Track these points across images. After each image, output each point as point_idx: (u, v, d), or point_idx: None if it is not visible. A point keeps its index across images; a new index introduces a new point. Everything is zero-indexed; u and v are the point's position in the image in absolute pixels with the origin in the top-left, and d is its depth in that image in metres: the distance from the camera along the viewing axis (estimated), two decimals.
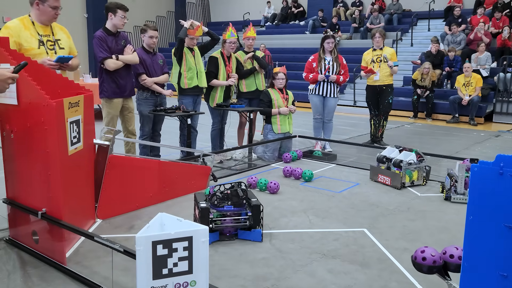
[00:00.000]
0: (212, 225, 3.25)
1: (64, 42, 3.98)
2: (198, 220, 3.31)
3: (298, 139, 6.57)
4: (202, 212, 3.25)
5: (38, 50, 3.71)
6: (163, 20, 20.73)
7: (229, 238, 3.35)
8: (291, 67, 13.22)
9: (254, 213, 3.35)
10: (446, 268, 2.12)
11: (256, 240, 3.34)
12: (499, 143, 7.84)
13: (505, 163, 1.50)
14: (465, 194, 4.30)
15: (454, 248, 2.10)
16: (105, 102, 4.90)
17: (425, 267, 2.11)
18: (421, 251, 2.12)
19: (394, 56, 6.89)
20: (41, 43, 3.74)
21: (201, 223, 2.92)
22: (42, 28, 3.80)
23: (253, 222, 3.34)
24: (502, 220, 1.55)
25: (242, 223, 3.34)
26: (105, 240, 2.53)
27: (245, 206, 3.42)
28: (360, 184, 4.90)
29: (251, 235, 3.35)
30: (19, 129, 2.96)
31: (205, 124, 6.28)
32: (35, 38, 3.72)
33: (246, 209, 3.39)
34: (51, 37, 3.86)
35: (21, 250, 3.09)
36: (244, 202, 3.43)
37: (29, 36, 3.68)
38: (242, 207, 3.40)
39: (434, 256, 2.09)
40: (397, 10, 15.51)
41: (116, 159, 3.65)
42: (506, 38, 11.45)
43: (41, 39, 3.75)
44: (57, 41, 3.91)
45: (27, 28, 3.70)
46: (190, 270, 2.01)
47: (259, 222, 3.36)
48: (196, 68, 5.51)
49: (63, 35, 4.00)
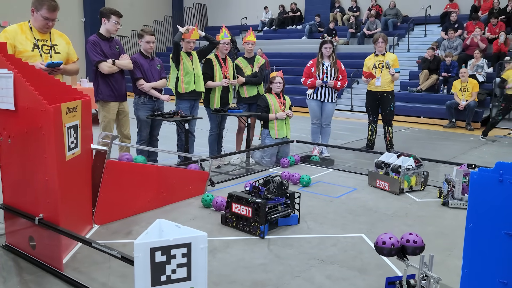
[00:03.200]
0: (269, 217, 3.54)
1: (62, 47, 4.09)
2: (250, 217, 3.55)
3: (296, 144, 6.57)
4: (261, 207, 3.50)
5: (32, 52, 3.84)
6: (161, 25, 20.76)
7: (272, 226, 3.67)
8: (288, 72, 13.26)
9: (291, 200, 3.79)
10: (404, 251, 2.39)
11: (293, 223, 3.77)
12: (495, 148, 7.86)
13: (504, 171, 1.50)
14: (463, 199, 4.31)
15: (409, 234, 2.41)
16: (101, 106, 4.90)
17: (385, 250, 2.40)
18: (381, 237, 2.45)
19: (396, 62, 6.81)
20: (35, 47, 3.87)
21: (258, 218, 3.51)
22: (40, 34, 3.93)
23: (292, 209, 3.78)
24: (502, 227, 1.56)
25: (285, 211, 3.70)
26: (103, 246, 2.51)
27: (284, 195, 3.79)
28: (358, 189, 4.90)
29: (290, 220, 3.76)
30: (16, 134, 2.94)
31: (203, 129, 6.28)
32: (30, 41, 3.86)
33: (286, 198, 3.77)
34: (48, 42, 3.98)
35: (18, 256, 3.06)
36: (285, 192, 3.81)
37: (24, 39, 3.82)
38: (284, 197, 3.76)
39: (392, 240, 2.40)
40: (395, 15, 15.55)
41: (114, 164, 3.64)
42: (502, 43, 11.52)
43: (36, 43, 3.88)
44: (54, 46, 4.02)
45: (23, 32, 3.85)
46: (189, 276, 2.00)
47: (294, 207, 3.80)
48: (193, 73, 5.51)
49: (62, 41, 4.11)
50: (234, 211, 3.67)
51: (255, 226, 3.52)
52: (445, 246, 3.37)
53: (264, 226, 3.48)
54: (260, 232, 3.49)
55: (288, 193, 3.79)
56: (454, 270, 2.89)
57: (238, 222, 3.65)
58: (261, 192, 3.64)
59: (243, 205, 3.60)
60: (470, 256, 1.67)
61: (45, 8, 3.82)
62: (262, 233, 3.48)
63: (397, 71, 6.75)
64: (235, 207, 3.66)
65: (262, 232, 3.48)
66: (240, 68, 6.13)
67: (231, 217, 3.70)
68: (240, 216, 3.62)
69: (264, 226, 3.48)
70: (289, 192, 3.79)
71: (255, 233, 3.52)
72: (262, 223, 3.48)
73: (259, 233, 3.49)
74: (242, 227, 3.62)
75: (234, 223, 3.67)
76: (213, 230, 3.61)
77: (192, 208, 4.17)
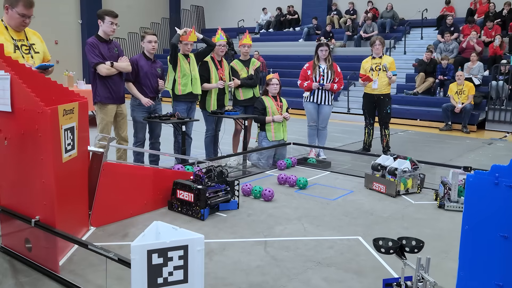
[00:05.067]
0: (209, 202, 3.93)
1: (39, 46, 3.96)
2: (192, 202, 3.93)
3: (293, 147, 6.58)
4: (201, 193, 3.88)
5: (14, 54, 3.67)
6: (158, 27, 20.75)
7: (213, 211, 4.05)
8: (285, 74, 13.27)
9: (231, 187, 4.19)
10: (402, 249, 2.40)
11: (233, 208, 4.17)
12: (491, 151, 7.89)
13: (500, 174, 1.51)
14: (459, 202, 4.33)
15: None
16: (99, 108, 4.89)
17: (383, 247, 2.39)
18: None
19: (393, 65, 6.82)
20: (16, 48, 3.73)
21: (199, 202, 3.88)
22: (16, 33, 3.77)
23: (231, 195, 4.19)
24: (498, 230, 1.56)
25: (225, 197, 4.11)
26: (99, 248, 2.51)
27: (224, 183, 4.18)
28: (354, 192, 4.91)
29: (230, 205, 4.16)
30: (13, 136, 2.94)
31: (199, 131, 6.28)
32: (10, 42, 3.70)
33: (225, 185, 4.17)
34: (26, 41, 3.83)
35: (14, 258, 3.05)
36: (225, 180, 4.20)
37: (3, 41, 3.62)
38: (223, 184, 4.15)
39: None
40: (392, 17, 15.59)
41: (110, 166, 3.64)
42: (498, 47, 11.58)
43: (16, 43, 3.73)
44: (32, 45, 3.89)
45: (1, 33, 3.68)
46: (186, 279, 2.00)
47: (234, 194, 4.21)
48: (190, 75, 5.52)
49: (37, 39, 3.98)
50: (178, 197, 4.05)
51: (196, 210, 3.93)
52: (441, 249, 3.38)
53: (204, 210, 3.90)
54: (201, 215, 3.89)
55: (228, 180, 4.19)
56: (450, 273, 2.89)
57: (182, 207, 4.04)
58: (202, 179, 4.05)
59: (186, 191, 3.99)
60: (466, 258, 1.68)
61: (22, 5, 3.63)
62: (202, 215, 3.89)
63: (394, 74, 6.75)
64: (179, 194, 4.04)
65: (202, 215, 3.89)
66: (236, 71, 6.14)
67: (176, 203, 4.08)
68: (184, 201, 4.01)
69: (204, 210, 3.90)
70: (229, 180, 4.20)
71: (197, 216, 3.92)
72: (203, 207, 3.90)
73: (200, 216, 3.90)
74: (185, 211, 4.01)
75: (179, 208, 4.06)
76: (210, 233, 3.61)
77: None
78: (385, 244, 2.40)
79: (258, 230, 3.72)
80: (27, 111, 2.81)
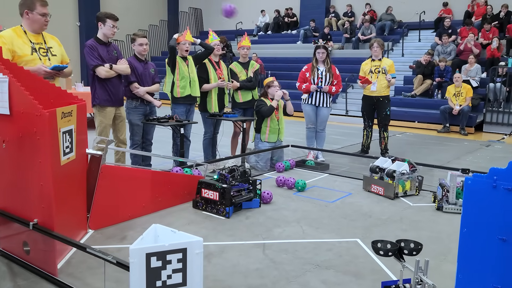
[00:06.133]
0: (234, 200, 4.08)
1: (56, 49, 4.14)
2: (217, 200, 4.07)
3: (291, 149, 6.59)
4: (225, 191, 4.02)
5: (31, 56, 3.86)
6: (156, 29, 20.77)
7: (236, 209, 4.18)
8: (283, 76, 13.29)
9: (253, 186, 4.34)
10: (401, 251, 2.39)
11: (255, 207, 4.30)
12: (489, 153, 7.91)
13: (498, 177, 1.52)
14: (457, 204, 4.33)
15: None
16: (97, 110, 4.88)
17: (382, 250, 2.39)
18: None
19: (393, 68, 6.81)
20: (34, 50, 3.89)
21: (224, 201, 4.03)
22: (34, 37, 3.95)
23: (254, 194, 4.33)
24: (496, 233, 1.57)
25: (248, 195, 4.25)
26: (97, 251, 2.51)
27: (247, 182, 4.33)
28: (352, 194, 4.92)
29: (252, 204, 4.29)
30: (11, 138, 2.93)
31: (198, 133, 6.28)
32: (28, 45, 3.87)
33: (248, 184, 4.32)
34: (44, 45, 4.01)
35: (12, 261, 3.04)
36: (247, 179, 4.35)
37: (22, 44, 3.83)
38: (246, 183, 4.31)
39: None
40: (391, 20, 15.61)
41: (109, 169, 3.63)
42: (495, 49, 11.61)
43: (33, 46, 3.90)
44: (50, 48, 4.07)
45: (19, 36, 3.85)
46: (184, 282, 2.00)
47: (256, 193, 4.35)
48: (189, 77, 5.52)
49: (55, 43, 4.16)
50: (203, 195, 4.18)
51: (221, 208, 4.05)
52: (440, 251, 3.38)
53: (229, 208, 4.02)
54: (226, 213, 4.02)
55: (251, 180, 4.35)
56: (448, 275, 2.90)
57: (207, 205, 4.17)
58: (227, 179, 4.16)
59: (211, 190, 4.12)
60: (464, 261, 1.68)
61: (39, 5, 3.84)
62: (228, 213, 4.02)
63: (393, 76, 6.77)
64: (204, 192, 4.18)
65: (228, 212, 4.02)
66: (235, 73, 6.14)
67: (201, 201, 4.21)
68: (209, 200, 4.14)
69: (229, 208, 4.02)
70: (251, 179, 4.36)
71: (222, 214, 4.04)
72: (228, 205, 4.03)
73: (225, 214, 4.03)
74: (210, 209, 4.14)
75: (204, 207, 4.19)
76: (209, 235, 3.61)
77: (188, 213, 4.16)
78: (384, 247, 2.40)
79: (257, 232, 3.71)
80: (25, 114, 2.81)
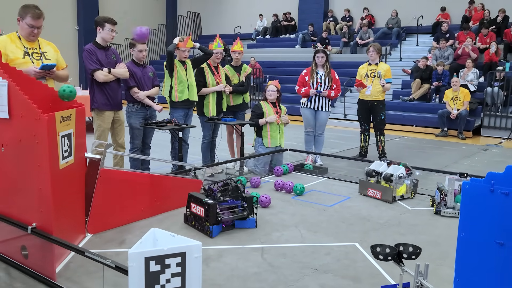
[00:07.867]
0: (220, 218, 3.64)
1: (51, 54, 4.16)
2: (203, 217, 3.66)
3: (289, 153, 6.60)
4: (210, 208, 3.60)
5: (23, 59, 3.92)
6: (154, 33, 20.79)
7: (227, 228, 3.77)
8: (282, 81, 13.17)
9: (248, 204, 3.83)
10: (400, 255, 2.39)
11: (251, 227, 3.84)
12: (487, 157, 7.93)
13: (496, 181, 1.53)
14: (455, 208, 4.34)
15: None
16: (96, 114, 4.89)
17: (381, 254, 2.38)
18: None
19: (389, 73, 6.81)
20: (26, 54, 3.96)
21: (209, 218, 3.59)
22: (28, 43, 4.01)
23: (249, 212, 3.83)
24: (494, 237, 1.57)
25: (241, 213, 3.78)
26: (96, 255, 2.50)
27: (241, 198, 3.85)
28: (351, 198, 4.92)
29: (247, 223, 3.85)
30: (10, 143, 2.93)
31: (196, 137, 6.28)
32: (21, 49, 3.94)
33: (242, 201, 3.83)
34: (38, 49, 4.07)
35: (10, 265, 3.04)
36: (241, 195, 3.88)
37: (14, 48, 3.91)
38: (240, 200, 3.82)
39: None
40: (395, 24, 15.62)
41: (107, 173, 3.63)
42: (493, 53, 11.66)
43: (26, 50, 3.97)
44: (44, 53, 4.10)
45: (13, 41, 3.94)
46: (183, 286, 2.00)
47: (252, 211, 3.85)
48: (187, 82, 5.52)
49: (50, 48, 4.19)
50: (192, 210, 3.84)
51: (206, 226, 3.67)
52: (438, 255, 3.39)
53: (212, 226, 3.62)
54: (210, 232, 3.62)
55: (246, 196, 3.86)
56: (446, 279, 2.90)
57: (195, 221, 3.81)
58: (214, 194, 3.81)
59: (198, 205, 3.75)
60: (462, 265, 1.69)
61: (30, 16, 3.89)
62: (211, 233, 3.62)
63: (389, 81, 6.74)
64: (193, 207, 3.83)
65: (211, 232, 3.62)
66: (227, 76, 6.16)
67: (190, 216, 3.86)
68: (196, 215, 3.78)
69: (212, 227, 3.62)
70: (246, 196, 3.86)
71: (207, 232, 3.66)
72: (212, 223, 3.62)
73: (209, 233, 3.63)
74: (197, 226, 3.78)
75: (193, 222, 3.83)
76: (207, 239, 3.60)
77: None
78: (383, 251, 2.40)
79: (255, 236, 3.71)
80: (24, 118, 2.81)
